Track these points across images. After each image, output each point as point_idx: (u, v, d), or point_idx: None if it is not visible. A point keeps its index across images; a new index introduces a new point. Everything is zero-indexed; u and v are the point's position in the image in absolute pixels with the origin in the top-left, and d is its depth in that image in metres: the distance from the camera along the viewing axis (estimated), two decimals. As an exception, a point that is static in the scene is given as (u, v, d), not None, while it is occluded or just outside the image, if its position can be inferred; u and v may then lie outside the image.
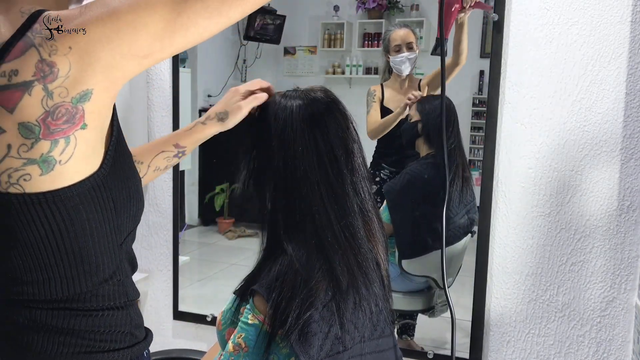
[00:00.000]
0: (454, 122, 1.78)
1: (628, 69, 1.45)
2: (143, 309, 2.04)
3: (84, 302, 0.75)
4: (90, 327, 0.76)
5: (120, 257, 0.79)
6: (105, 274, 0.76)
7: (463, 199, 1.77)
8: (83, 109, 0.67)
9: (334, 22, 2.04)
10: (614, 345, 1.55)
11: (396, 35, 1.82)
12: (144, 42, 0.68)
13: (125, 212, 0.77)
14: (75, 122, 0.67)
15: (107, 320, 0.78)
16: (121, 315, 0.80)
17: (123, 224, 0.78)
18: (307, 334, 0.82)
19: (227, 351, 0.88)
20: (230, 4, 0.70)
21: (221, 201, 2.22)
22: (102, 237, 0.74)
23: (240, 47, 2.09)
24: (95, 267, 0.75)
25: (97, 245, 0.74)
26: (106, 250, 0.75)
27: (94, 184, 0.71)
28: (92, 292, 0.75)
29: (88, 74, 0.66)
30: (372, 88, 1.88)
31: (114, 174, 0.74)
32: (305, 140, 0.93)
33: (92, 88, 0.67)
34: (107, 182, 0.73)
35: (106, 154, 0.73)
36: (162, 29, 0.68)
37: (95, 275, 0.75)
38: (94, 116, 0.69)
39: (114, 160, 0.74)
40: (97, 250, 0.74)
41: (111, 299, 0.78)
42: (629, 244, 1.50)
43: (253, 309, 0.87)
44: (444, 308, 1.83)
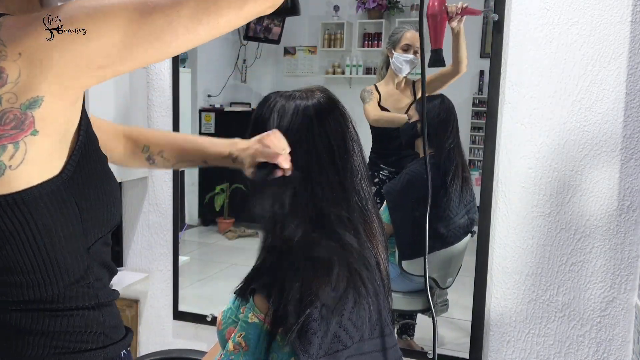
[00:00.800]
0: (453, 122, 1.79)
1: (628, 69, 1.45)
2: (143, 309, 2.04)
3: (55, 303, 0.75)
4: (62, 327, 0.76)
5: (89, 261, 0.78)
6: (73, 277, 0.76)
7: (463, 199, 1.77)
8: (32, 115, 0.66)
9: (334, 22, 2.04)
10: (614, 345, 1.55)
11: (408, 35, 1.82)
12: (99, 53, 0.66)
13: (92, 217, 0.76)
14: (24, 129, 0.66)
15: (77, 321, 0.77)
16: (92, 315, 0.79)
17: (90, 229, 0.77)
18: (306, 333, 0.82)
19: (228, 350, 0.88)
20: (200, 21, 0.67)
21: (221, 201, 2.22)
22: (67, 240, 0.73)
23: (240, 47, 2.09)
24: (61, 271, 0.74)
25: (62, 249, 0.73)
26: (72, 254, 0.75)
27: (53, 188, 0.70)
28: (62, 294, 0.75)
29: (38, 81, 0.65)
30: (367, 87, 1.88)
31: (78, 179, 0.73)
32: (305, 140, 0.93)
33: (42, 95, 0.65)
34: (70, 187, 0.72)
35: (69, 159, 0.72)
36: (121, 41, 0.66)
37: (62, 279, 0.74)
38: (46, 123, 0.67)
39: (79, 166, 0.73)
40: (62, 254, 0.73)
41: (80, 300, 0.78)
42: (629, 244, 1.50)
43: (253, 307, 0.87)
44: (444, 308, 1.84)
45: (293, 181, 0.92)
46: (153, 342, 2.04)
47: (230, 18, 0.69)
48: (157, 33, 0.67)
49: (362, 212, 0.96)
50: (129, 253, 2.02)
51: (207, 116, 2.17)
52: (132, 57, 0.68)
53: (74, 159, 0.73)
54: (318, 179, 0.93)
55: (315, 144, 0.93)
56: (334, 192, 0.93)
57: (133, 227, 2.01)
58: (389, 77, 1.87)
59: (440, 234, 1.77)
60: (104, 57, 0.66)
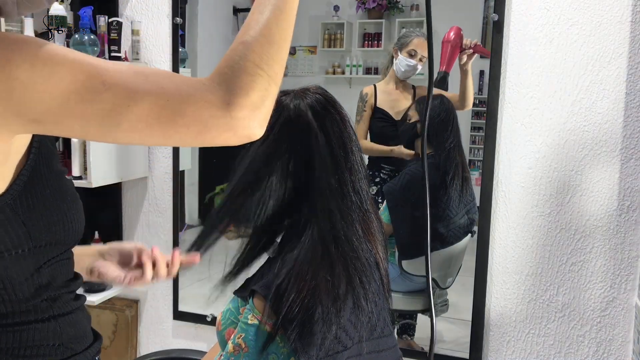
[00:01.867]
0: (453, 122, 1.79)
1: (628, 69, 1.45)
2: (143, 309, 2.04)
3: (6, 319, 0.72)
4: (15, 343, 0.73)
5: (40, 281, 0.74)
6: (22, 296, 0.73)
7: (463, 199, 1.77)
8: None
9: (334, 22, 2.04)
10: (614, 345, 1.55)
11: (418, 42, 1.83)
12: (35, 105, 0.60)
13: (45, 238, 0.73)
14: None
15: (31, 335, 0.74)
16: (48, 328, 0.76)
17: (40, 250, 0.73)
18: (306, 334, 0.82)
19: (227, 351, 0.88)
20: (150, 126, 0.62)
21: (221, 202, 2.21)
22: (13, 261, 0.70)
23: (240, 47, 2.09)
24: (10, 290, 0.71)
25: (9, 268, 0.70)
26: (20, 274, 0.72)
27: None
28: (12, 311, 0.73)
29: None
30: (364, 91, 1.88)
31: (26, 200, 0.70)
32: (303, 140, 0.93)
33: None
34: (15, 207, 0.69)
35: (15, 180, 0.69)
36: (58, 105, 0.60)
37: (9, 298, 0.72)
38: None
39: (28, 187, 0.70)
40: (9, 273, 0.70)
41: (32, 314, 0.74)
42: (629, 244, 1.50)
43: (253, 309, 0.87)
44: (444, 308, 1.83)
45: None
46: (153, 342, 2.04)
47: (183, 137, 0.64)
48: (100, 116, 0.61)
49: (361, 212, 0.96)
50: (129, 253, 2.02)
51: (207, 116, 2.17)
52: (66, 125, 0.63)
53: (21, 179, 0.70)
54: (316, 179, 0.92)
55: (312, 144, 0.93)
56: (333, 192, 0.93)
57: (133, 227, 2.01)
58: (390, 77, 1.87)
59: (440, 234, 1.77)
60: (38, 112, 0.61)
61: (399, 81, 1.86)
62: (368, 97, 1.87)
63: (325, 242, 0.89)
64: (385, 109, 1.86)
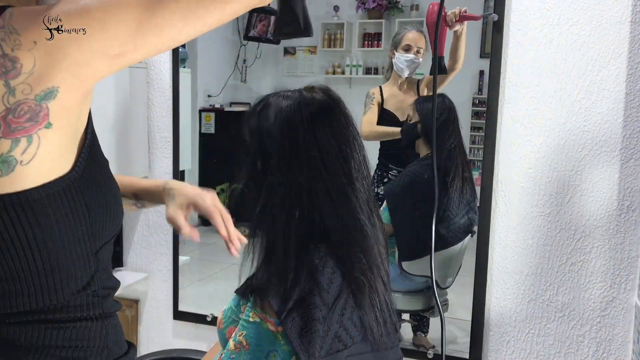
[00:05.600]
0: (454, 122, 1.79)
1: (628, 69, 1.45)
2: (143, 309, 2.04)
3: (57, 314, 0.71)
4: (62, 341, 0.72)
5: (96, 267, 0.74)
6: (79, 284, 0.72)
7: (463, 199, 1.77)
8: (47, 107, 0.63)
9: (334, 22, 2.04)
10: (613, 345, 1.55)
11: (409, 36, 1.83)
12: (115, 40, 0.64)
13: (100, 220, 0.74)
14: (38, 121, 0.63)
15: (79, 333, 0.73)
16: (95, 327, 0.75)
17: (98, 232, 0.74)
18: (308, 332, 0.82)
19: (229, 349, 0.88)
20: (207, 7, 0.67)
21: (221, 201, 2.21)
22: (74, 243, 0.70)
23: (240, 47, 2.10)
24: (68, 277, 0.71)
25: (69, 252, 0.70)
26: (79, 259, 0.71)
27: (64, 187, 0.67)
28: (66, 303, 0.71)
29: (54, 71, 0.63)
30: (371, 91, 1.89)
31: (87, 179, 0.71)
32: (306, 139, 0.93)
33: (58, 86, 0.63)
34: (80, 186, 0.69)
35: (78, 158, 0.70)
36: (135, 28, 0.64)
37: (68, 285, 0.71)
38: (61, 115, 0.65)
39: (88, 166, 0.71)
40: (69, 258, 0.70)
41: (84, 310, 0.73)
42: (629, 244, 1.50)
43: (254, 306, 0.87)
44: (444, 308, 1.83)
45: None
46: (153, 342, 2.04)
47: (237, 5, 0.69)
48: (170, 19, 0.66)
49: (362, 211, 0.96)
50: (129, 253, 2.02)
51: (207, 116, 2.17)
52: (146, 45, 0.67)
53: (83, 157, 0.70)
54: (318, 178, 0.92)
55: (316, 143, 0.93)
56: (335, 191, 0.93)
57: (133, 227, 2.01)
58: (393, 78, 1.87)
59: (440, 234, 1.77)
60: (119, 45, 0.65)
61: (402, 81, 1.86)
62: (375, 95, 1.87)
63: (326, 241, 0.89)
64: (391, 110, 1.86)
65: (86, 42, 0.63)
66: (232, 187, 1.03)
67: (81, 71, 0.64)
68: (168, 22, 0.66)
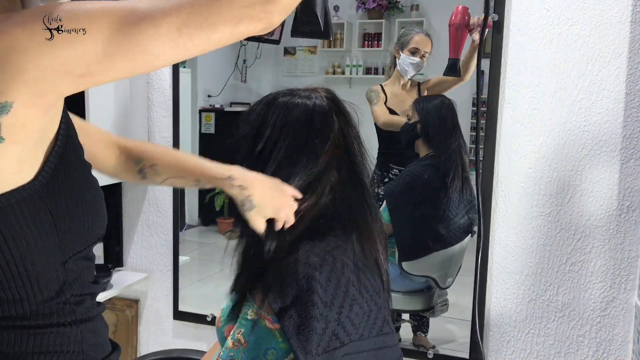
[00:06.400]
0: (456, 123, 1.79)
1: (628, 69, 1.45)
2: (143, 309, 2.04)
3: (27, 320, 0.70)
4: (35, 347, 0.70)
5: (65, 277, 0.72)
6: (47, 294, 0.70)
7: (463, 199, 1.77)
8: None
9: (334, 22, 2.04)
10: (613, 345, 1.55)
11: (417, 39, 1.82)
12: (80, 61, 0.61)
13: (70, 229, 0.71)
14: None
15: (52, 339, 0.72)
16: (70, 333, 0.73)
17: (67, 242, 0.71)
18: (305, 330, 0.83)
19: (227, 347, 0.88)
20: (190, 35, 0.63)
21: (221, 201, 2.22)
22: (39, 253, 0.68)
23: (240, 47, 2.09)
24: (35, 286, 0.69)
25: (35, 262, 0.68)
26: (46, 268, 0.69)
27: (24, 195, 0.65)
28: (35, 311, 0.70)
29: (8, 85, 0.59)
30: (373, 87, 1.88)
31: (54, 188, 0.68)
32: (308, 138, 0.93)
33: (12, 101, 0.60)
34: (43, 196, 0.67)
35: (44, 166, 0.67)
36: (103, 51, 0.61)
37: (34, 295, 0.69)
38: (14, 130, 0.62)
39: (55, 174, 0.68)
40: (35, 268, 0.68)
41: (55, 317, 0.72)
42: (629, 244, 1.50)
43: (252, 304, 0.87)
44: (444, 308, 1.83)
45: None
46: (153, 342, 2.04)
47: (223, 35, 0.66)
48: (144, 44, 0.62)
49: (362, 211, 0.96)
50: (129, 253, 2.02)
51: (207, 116, 2.17)
52: (114, 68, 0.63)
53: (50, 165, 0.68)
54: (319, 177, 0.93)
55: (318, 142, 0.93)
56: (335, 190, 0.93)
57: (133, 227, 2.01)
58: (395, 78, 1.87)
59: (440, 234, 1.77)
60: (84, 66, 0.62)
61: (404, 81, 1.86)
62: (379, 92, 1.87)
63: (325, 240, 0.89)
64: (393, 109, 1.86)
65: (48, 58, 0.60)
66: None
67: (40, 88, 0.62)
68: (142, 48, 0.62)
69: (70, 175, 0.72)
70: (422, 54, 1.82)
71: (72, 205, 0.71)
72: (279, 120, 0.94)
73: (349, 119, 0.99)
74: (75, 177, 0.73)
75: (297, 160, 0.93)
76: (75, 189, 0.72)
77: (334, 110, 0.97)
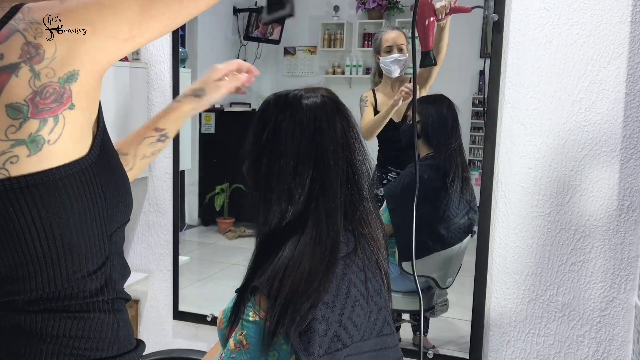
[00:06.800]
0: (456, 123, 1.79)
1: (628, 69, 1.46)
2: (143, 309, 2.04)
3: (69, 300, 0.73)
4: (75, 331, 0.73)
5: (110, 250, 0.77)
6: (93, 266, 0.74)
7: (463, 199, 1.77)
8: (70, 89, 0.68)
9: (334, 22, 2.04)
10: (613, 345, 1.55)
11: (388, 37, 1.83)
12: (124, 25, 0.70)
13: (114, 204, 0.76)
14: (63, 102, 0.68)
15: (92, 324, 0.75)
16: (107, 319, 0.77)
17: (112, 215, 0.76)
18: (307, 332, 0.83)
19: (229, 349, 0.88)
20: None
21: (221, 201, 2.22)
22: (90, 224, 0.73)
23: (240, 47, 2.09)
24: (83, 257, 0.73)
25: (86, 233, 0.72)
26: (94, 239, 0.74)
27: (82, 167, 0.71)
28: (78, 287, 0.73)
29: (74, 55, 0.67)
30: (364, 94, 1.89)
31: (102, 164, 0.74)
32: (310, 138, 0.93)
33: (78, 69, 0.68)
34: (96, 168, 0.73)
35: (94, 141, 0.74)
36: (140, 14, 0.71)
37: (83, 266, 0.73)
38: (81, 97, 0.69)
39: (102, 151, 0.75)
40: (85, 239, 0.72)
41: (98, 295, 0.75)
42: (629, 244, 1.50)
43: (254, 305, 0.87)
44: (444, 308, 1.83)
45: None
46: (153, 342, 2.04)
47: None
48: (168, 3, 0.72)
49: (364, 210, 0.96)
50: (129, 253, 2.02)
51: (207, 116, 2.17)
52: (149, 29, 0.73)
53: (97, 143, 0.74)
54: (320, 177, 0.93)
55: (319, 141, 0.93)
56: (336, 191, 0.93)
57: (133, 227, 2.01)
58: (384, 82, 1.87)
59: (440, 234, 1.77)
60: (128, 29, 0.70)
61: (394, 82, 1.86)
62: (368, 97, 1.87)
63: (326, 239, 0.89)
64: None
65: (100, 27, 0.68)
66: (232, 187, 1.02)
67: (97, 55, 0.69)
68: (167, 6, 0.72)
69: (111, 152, 0.78)
70: (398, 48, 1.81)
71: (114, 181, 0.77)
72: (280, 121, 0.95)
73: (349, 119, 0.99)
74: (113, 154, 0.79)
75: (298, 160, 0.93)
76: (115, 168, 0.78)
77: (335, 110, 0.97)
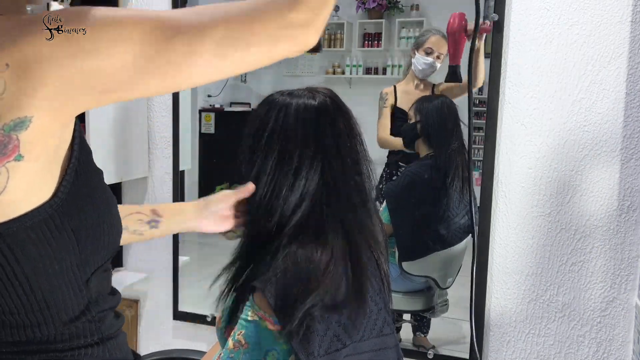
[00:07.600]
0: (457, 124, 1.79)
1: (628, 69, 1.45)
2: (143, 309, 2.04)
3: (53, 344, 0.66)
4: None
5: (89, 295, 0.68)
6: (72, 315, 0.67)
7: (463, 199, 1.77)
8: (18, 138, 0.55)
9: (334, 22, 2.04)
10: (614, 345, 1.54)
11: (434, 39, 1.83)
12: (105, 74, 0.57)
13: (92, 244, 0.67)
14: (6, 153, 0.56)
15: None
16: (96, 352, 0.70)
17: (89, 259, 0.67)
18: (307, 332, 0.82)
19: (227, 348, 0.88)
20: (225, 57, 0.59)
21: (221, 201, 2.21)
22: (62, 275, 0.64)
23: (241, 47, 2.09)
24: (60, 309, 0.65)
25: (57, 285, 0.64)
26: (69, 290, 0.65)
27: (45, 216, 0.60)
28: (60, 334, 0.66)
29: (28, 100, 0.55)
30: (384, 91, 1.89)
31: (74, 202, 0.63)
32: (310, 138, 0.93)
33: (31, 116, 0.55)
34: (64, 212, 0.62)
35: (62, 181, 0.62)
36: (133, 65, 0.57)
37: (59, 318, 0.65)
38: (33, 146, 0.57)
39: (74, 187, 0.63)
40: (59, 290, 0.64)
41: (81, 338, 0.68)
42: (629, 244, 1.50)
43: (253, 305, 0.87)
44: (444, 308, 1.83)
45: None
46: (153, 342, 2.04)
47: (258, 57, 0.62)
48: (177, 63, 0.58)
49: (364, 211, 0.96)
50: (129, 253, 2.02)
51: (207, 116, 2.17)
52: (143, 85, 0.59)
53: (68, 179, 0.63)
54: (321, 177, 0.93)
55: (320, 142, 0.93)
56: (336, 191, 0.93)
57: (133, 227, 2.01)
58: (410, 77, 1.88)
59: (440, 234, 1.77)
60: (110, 81, 0.58)
61: (418, 81, 1.86)
62: (388, 96, 1.88)
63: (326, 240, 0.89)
64: (404, 109, 1.87)
65: (70, 70, 0.55)
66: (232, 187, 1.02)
67: (60, 102, 0.57)
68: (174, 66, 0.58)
69: (88, 185, 0.67)
70: (437, 55, 1.82)
71: (93, 218, 0.67)
72: (280, 121, 0.95)
73: (350, 118, 0.99)
74: (93, 188, 0.68)
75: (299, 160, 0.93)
76: (94, 199, 0.68)
77: (336, 109, 0.97)
